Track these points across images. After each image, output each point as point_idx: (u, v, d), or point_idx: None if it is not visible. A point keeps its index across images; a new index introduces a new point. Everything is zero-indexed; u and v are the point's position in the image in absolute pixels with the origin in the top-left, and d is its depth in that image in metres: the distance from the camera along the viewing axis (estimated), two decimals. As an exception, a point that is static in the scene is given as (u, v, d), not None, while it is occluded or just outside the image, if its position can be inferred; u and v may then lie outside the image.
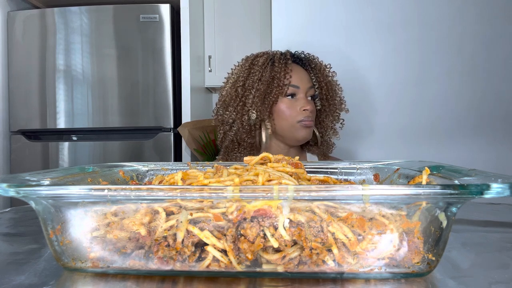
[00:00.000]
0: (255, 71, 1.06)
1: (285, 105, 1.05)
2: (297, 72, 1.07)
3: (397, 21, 1.43)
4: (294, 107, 1.05)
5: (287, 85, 1.04)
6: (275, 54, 1.09)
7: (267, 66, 1.05)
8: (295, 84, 1.05)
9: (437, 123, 1.42)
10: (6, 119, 1.92)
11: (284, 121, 1.06)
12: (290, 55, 1.10)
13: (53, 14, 1.88)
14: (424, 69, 1.43)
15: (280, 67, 1.05)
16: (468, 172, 0.39)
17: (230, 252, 0.35)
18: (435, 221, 0.35)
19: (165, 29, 1.85)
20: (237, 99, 1.07)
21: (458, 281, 0.35)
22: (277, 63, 1.05)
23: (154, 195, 0.34)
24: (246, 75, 1.07)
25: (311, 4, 1.46)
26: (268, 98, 1.03)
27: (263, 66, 1.06)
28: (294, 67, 1.08)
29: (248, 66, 1.08)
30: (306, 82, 1.07)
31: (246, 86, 1.06)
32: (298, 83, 1.06)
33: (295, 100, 1.06)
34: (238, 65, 1.13)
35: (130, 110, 1.87)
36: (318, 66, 1.12)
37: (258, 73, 1.05)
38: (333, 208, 0.35)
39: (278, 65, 1.05)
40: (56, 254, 0.38)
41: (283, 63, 1.05)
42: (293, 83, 1.05)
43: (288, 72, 1.05)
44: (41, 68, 1.88)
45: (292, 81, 1.05)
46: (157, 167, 0.61)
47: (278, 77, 1.04)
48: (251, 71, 1.07)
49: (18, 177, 0.41)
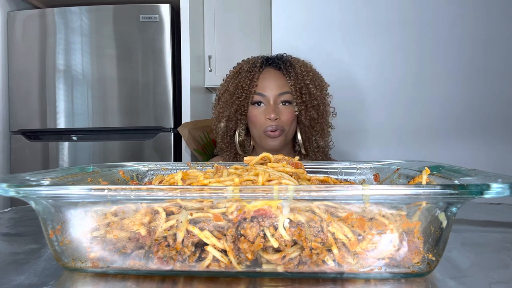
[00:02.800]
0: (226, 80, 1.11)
1: (254, 113, 1.05)
2: (268, 79, 1.05)
3: (396, 22, 1.43)
4: (261, 116, 1.04)
5: (251, 94, 1.04)
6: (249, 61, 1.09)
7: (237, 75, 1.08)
8: (260, 92, 1.04)
9: (436, 123, 1.42)
10: (6, 119, 1.92)
11: (254, 129, 1.07)
12: (264, 61, 1.09)
13: (53, 14, 1.88)
14: (424, 69, 1.43)
15: (246, 76, 1.05)
16: (468, 172, 0.39)
17: (230, 252, 0.35)
18: (435, 221, 0.35)
19: (165, 29, 1.85)
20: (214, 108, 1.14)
21: (458, 281, 0.35)
22: (244, 72, 1.06)
23: (154, 195, 0.34)
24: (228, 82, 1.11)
25: (311, 4, 1.46)
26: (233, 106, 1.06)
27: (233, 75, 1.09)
28: (268, 73, 1.06)
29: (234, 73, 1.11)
30: (276, 89, 1.04)
31: (218, 95, 1.12)
32: (265, 91, 1.04)
33: (262, 107, 1.05)
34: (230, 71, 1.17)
35: (130, 110, 1.87)
36: (296, 70, 1.06)
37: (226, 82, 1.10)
38: (333, 208, 0.35)
39: (245, 74, 1.05)
40: (56, 254, 0.38)
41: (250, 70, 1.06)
42: (259, 91, 1.04)
43: (254, 81, 1.04)
44: (41, 68, 1.88)
45: (257, 89, 1.04)
46: (157, 167, 0.61)
47: (243, 86, 1.05)
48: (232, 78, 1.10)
49: (18, 177, 0.41)
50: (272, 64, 1.09)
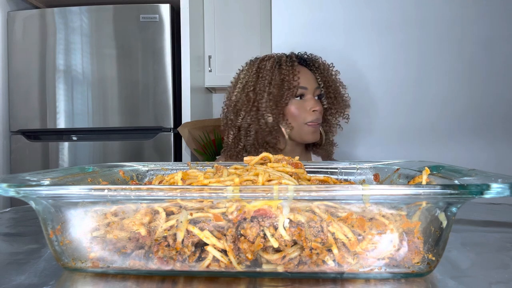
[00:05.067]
0: (264, 75, 1.07)
1: (295, 106, 1.06)
2: (304, 73, 1.09)
3: (397, 21, 1.43)
4: (303, 108, 1.07)
5: (296, 86, 1.05)
6: (281, 57, 1.10)
7: (275, 69, 1.07)
8: (303, 85, 1.07)
9: (437, 123, 1.42)
10: (6, 119, 1.92)
11: (293, 122, 1.07)
12: (295, 57, 1.11)
13: (53, 14, 1.88)
14: (424, 69, 1.43)
15: (288, 70, 1.06)
16: (468, 172, 0.39)
17: (230, 252, 0.35)
18: (435, 221, 0.35)
19: (165, 29, 1.85)
20: (249, 104, 1.07)
21: (458, 281, 0.35)
22: (285, 66, 1.07)
23: (154, 195, 0.34)
24: (255, 79, 1.08)
25: (311, 4, 1.46)
26: (281, 99, 1.05)
27: (271, 70, 1.07)
28: (300, 69, 1.09)
29: (256, 71, 1.09)
30: (312, 83, 1.09)
31: (257, 90, 1.06)
32: (306, 84, 1.07)
33: (304, 101, 1.07)
34: (243, 69, 1.13)
35: (130, 110, 1.87)
36: (322, 66, 1.14)
37: (268, 77, 1.06)
38: (333, 208, 0.35)
39: (286, 68, 1.06)
40: (56, 254, 0.38)
41: (290, 65, 1.07)
42: (302, 85, 1.06)
43: (296, 74, 1.06)
44: (41, 68, 1.88)
45: (300, 83, 1.06)
46: (157, 167, 0.61)
47: (288, 79, 1.05)
48: (259, 75, 1.08)
49: (18, 177, 0.41)
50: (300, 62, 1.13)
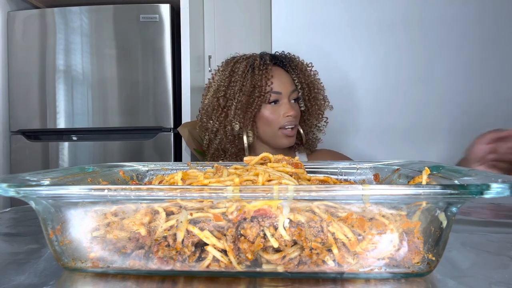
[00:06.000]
0: (236, 80, 1.03)
1: (268, 111, 1.02)
2: (279, 76, 1.04)
3: (397, 22, 1.43)
4: (277, 113, 1.02)
5: (269, 92, 1.01)
6: (255, 59, 1.05)
7: (247, 74, 1.02)
8: (277, 90, 1.02)
9: (437, 123, 1.42)
10: (6, 119, 1.92)
11: (267, 127, 1.03)
12: (270, 58, 1.06)
13: (53, 14, 1.87)
14: (425, 69, 1.43)
15: (261, 74, 1.01)
16: (468, 172, 0.39)
17: (230, 252, 0.35)
18: (435, 221, 0.35)
19: (165, 29, 1.85)
20: (219, 109, 1.04)
21: (458, 281, 0.35)
22: (257, 70, 1.01)
23: (154, 195, 0.34)
24: (227, 84, 1.04)
25: (311, 4, 1.46)
26: (251, 108, 1.01)
27: (243, 75, 1.02)
28: (275, 71, 1.04)
29: (229, 74, 1.04)
30: (288, 86, 1.04)
31: (228, 96, 1.03)
32: (280, 89, 1.03)
33: (278, 105, 1.03)
34: (218, 70, 1.10)
35: (130, 110, 1.87)
36: (300, 67, 1.08)
37: (239, 83, 1.02)
38: (333, 208, 0.35)
39: (259, 72, 1.01)
40: (56, 254, 0.38)
41: (264, 68, 1.02)
42: (275, 89, 1.02)
43: (269, 79, 1.01)
44: (41, 68, 1.88)
45: (274, 88, 1.02)
46: (157, 167, 0.61)
47: (260, 85, 1.00)
48: (231, 80, 1.03)
49: (18, 177, 0.41)
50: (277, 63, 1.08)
